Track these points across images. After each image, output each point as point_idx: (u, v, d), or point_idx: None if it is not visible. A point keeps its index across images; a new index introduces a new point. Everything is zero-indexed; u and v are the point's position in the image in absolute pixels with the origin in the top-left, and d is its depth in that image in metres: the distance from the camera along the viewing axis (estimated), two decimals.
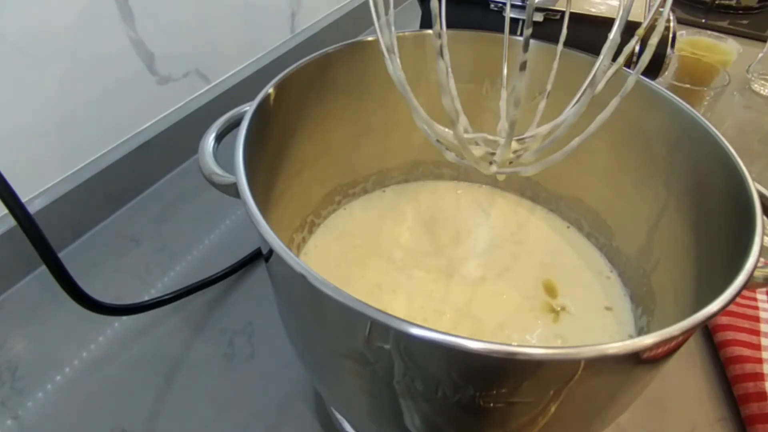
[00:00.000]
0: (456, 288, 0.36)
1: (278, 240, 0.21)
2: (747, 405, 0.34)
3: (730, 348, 0.37)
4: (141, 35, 0.46)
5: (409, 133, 0.39)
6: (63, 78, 0.41)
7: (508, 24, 0.35)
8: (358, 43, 0.35)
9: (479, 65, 0.38)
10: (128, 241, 0.46)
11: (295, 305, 0.25)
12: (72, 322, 0.39)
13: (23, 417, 0.34)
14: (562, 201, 0.41)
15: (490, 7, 0.44)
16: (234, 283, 0.43)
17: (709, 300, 0.20)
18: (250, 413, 0.34)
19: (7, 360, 0.37)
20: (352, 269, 0.37)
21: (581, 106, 0.23)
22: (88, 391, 0.36)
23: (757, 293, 0.41)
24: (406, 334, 0.18)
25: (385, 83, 0.28)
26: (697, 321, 0.19)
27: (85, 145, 0.45)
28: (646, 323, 0.33)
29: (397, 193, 0.43)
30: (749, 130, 0.60)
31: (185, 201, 0.50)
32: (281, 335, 0.38)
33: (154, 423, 0.34)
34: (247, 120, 0.28)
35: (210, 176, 0.27)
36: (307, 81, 0.33)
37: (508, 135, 0.25)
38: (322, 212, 0.40)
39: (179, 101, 0.53)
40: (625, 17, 0.23)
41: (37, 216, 0.34)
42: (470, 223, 0.41)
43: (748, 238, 0.23)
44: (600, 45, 0.26)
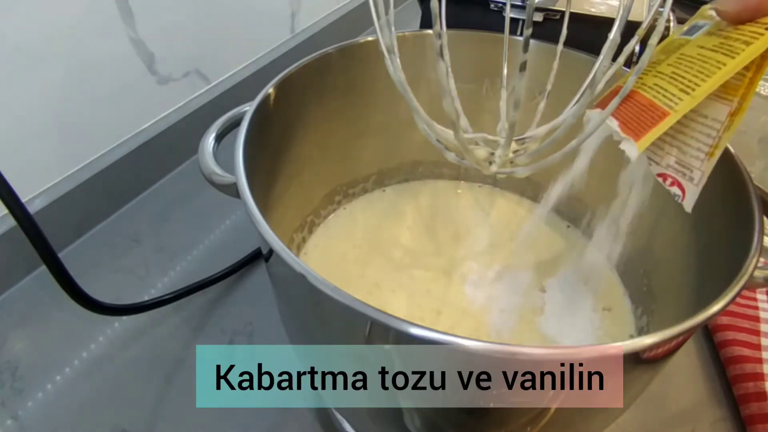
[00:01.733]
0: (456, 287, 0.36)
1: (278, 240, 0.21)
2: (747, 405, 0.34)
3: (730, 348, 0.37)
4: (141, 35, 0.46)
5: (409, 133, 0.39)
6: (63, 78, 0.41)
7: (508, 24, 0.35)
8: (358, 43, 0.35)
9: (479, 65, 0.38)
10: (128, 241, 0.46)
11: (295, 305, 0.25)
12: (72, 322, 0.39)
13: (23, 417, 0.34)
14: (562, 201, 0.41)
15: (490, 7, 0.44)
16: (234, 283, 0.43)
17: (709, 300, 0.20)
18: (250, 413, 0.34)
19: (7, 360, 0.37)
20: (352, 268, 0.37)
21: (581, 106, 0.23)
22: (88, 391, 0.36)
23: (757, 293, 0.41)
24: (406, 333, 0.18)
25: (385, 83, 0.28)
26: (697, 321, 0.19)
27: (85, 145, 0.45)
28: (646, 323, 0.33)
29: (397, 192, 0.43)
30: (749, 130, 0.60)
31: (185, 201, 0.50)
32: (281, 335, 0.38)
33: (154, 423, 0.34)
34: (247, 120, 0.28)
35: (210, 176, 0.27)
36: (307, 81, 0.33)
37: (508, 135, 0.25)
38: (322, 212, 0.40)
39: (179, 101, 0.53)
40: (625, 17, 0.23)
41: (37, 216, 0.34)
42: (470, 222, 0.41)
43: (748, 238, 0.23)
44: (600, 45, 0.26)
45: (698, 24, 0.23)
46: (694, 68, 0.21)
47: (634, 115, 0.23)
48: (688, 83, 0.21)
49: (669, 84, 0.22)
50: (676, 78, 0.22)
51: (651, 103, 0.22)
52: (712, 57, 0.21)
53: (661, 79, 0.23)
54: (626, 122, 0.23)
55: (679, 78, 0.22)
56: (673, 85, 0.22)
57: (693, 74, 0.21)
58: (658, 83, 0.23)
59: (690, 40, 0.23)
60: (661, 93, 0.22)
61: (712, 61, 0.21)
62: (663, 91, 0.22)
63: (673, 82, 0.22)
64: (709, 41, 0.22)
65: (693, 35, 0.23)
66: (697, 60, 0.22)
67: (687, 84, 0.21)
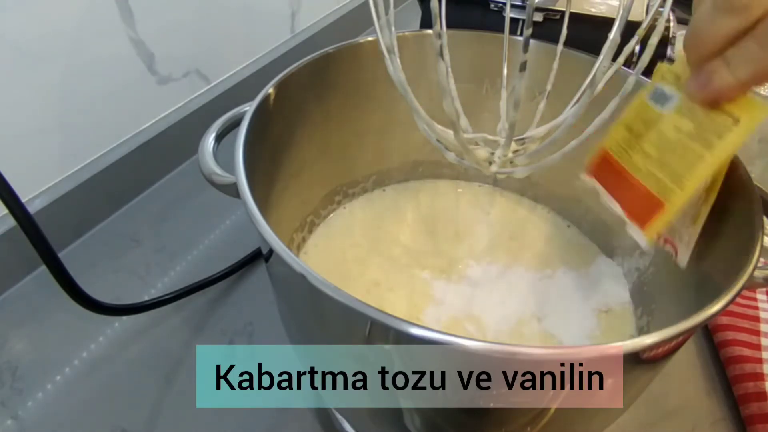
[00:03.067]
0: (456, 287, 0.36)
1: (278, 240, 0.21)
2: (747, 405, 0.34)
3: (730, 348, 0.37)
4: (141, 35, 0.46)
5: (409, 133, 0.39)
6: (63, 78, 0.41)
7: (508, 24, 0.35)
8: (358, 43, 0.35)
9: (479, 65, 0.38)
10: (128, 241, 0.46)
11: (295, 305, 0.25)
12: (72, 322, 0.39)
13: (23, 417, 0.34)
14: (562, 201, 0.41)
15: (490, 7, 0.44)
16: (234, 283, 0.43)
17: (709, 300, 0.20)
18: (250, 413, 0.34)
19: (7, 360, 0.37)
20: (352, 268, 0.37)
21: (581, 106, 0.23)
22: (88, 391, 0.36)
23: (757, 293, 0.41)
24: (406, 333, 0.18)
25: (385, 83, 0.28)
26: (697, 321, 0.19)
27: (85, 145, 0.45)
28: (646, 323, 0.33)
29: (397, 192, 0.43)
30: None
31: (185, 201, 0.50)
32: (281, 335, 0.38)
33: (154, 423, 0.34)
34: (247, 120, 0.28)
35: (210, 176, 0.27)
36: (307, 81, 0.33)
37: (508, 135, 0.25)
38: (322, 212, 0.40)
39: (179, 101, 0.53)
40: (625, 17, 0.23)
41: (37, 216, 0.34)
42: (470, 222, 0.41)
43: (748, 238, 0.23)
44: (600, 45, 0.26)
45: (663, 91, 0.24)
46: (676, 156, 0.23)
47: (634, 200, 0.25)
48: (675, 175, 0.23)
49: (658, 170, 0.24)
50: (663, 164, 0.23)
51: (647, 192, 0.24)
52: (691, 146, 0.22)
53: (650, 162, 0.24)
54: (629, 208, 0.25)
55: (666, 165, 0.23)
56: (662, 172, 0.23)
57: (677, 164, 0.23)
58: (650, 168, 0.24)
59: (663, 114, 0.24)
60: (653, 180, 0.24)
61: (692, 150, 0.22)
62: (654, 178, 0.24)
63: (662, 168, 0.23)
64: (684, 124, 0.23)
65: (664, 106, 0.24)
66: (678, 147, 0.23)
67: (674, 176, 0.23)
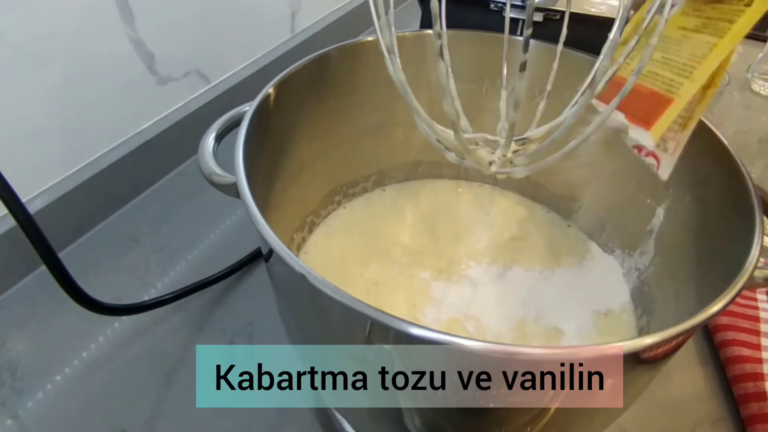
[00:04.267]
0: (456, 287, 0.36)
1: (278, 240, 0.21)
2: (747, 405, 0.34)
3: (730, 348, 0.37)
4: (141, 35, 0.46)
5: (409, 133, 0.39)
6: (63, 78, 0.41)
7: (508, 24, 0.35)
8: (357, 43, 0.35)
9: (479, 65, 0.38)
10: (128, 241, 0.46)
11: (295, 305, 0.25)
12: (72, 322, 0.39)
13: (23, 417, 0.34)
14: (562, 200, 0.41)
15: (490, 7, 0.44)
16: (234, 283, 0.43)
17: (709, 300, 0.20)
18: (250, 413, 0.34)
19: (7, 360, 0.37)
20: (352, 267, 0.37)
21: (581, 106, 0.23)
22: (88, 391, 0.36)
23: (757, 293, 0.41)
24: (406, 333, 0.18)
25: (385, 83, 0.28)
26: (697, 321, 0.19)
27: (86, 145, 0.45)
28: (646, 323, 0.33)
29: (397, 191, 0.43)
30: (749, 130, 0.60)
31: (185, 201, 0.50)
32: (281, 335, 0.38)
33: (154, 423, 0.34)
34: (247, 120, 0.28)
35: (210, 176, 0.27)
36: (307, 81, 0.33)
37: (508, 135, 0.25)
38: (322, 212, 0.40)
39: (179, 101, 0.53)
40: (625, 17, 0.23)
41: (37, 216, 0.34)
42: (470, 221, 0.41)
43: (748, 238, 0.23)
44: (600, 45, 0.26)
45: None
46: (682, 51, 0.22)
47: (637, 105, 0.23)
48: (683, 67, 0.21)
49: (663, 69, 0.22)
50: (668, 62, 0.22)
51: (652, 92, 0.22)
52: (699, 38, 0.21)
53: (652, 65, 0.23)
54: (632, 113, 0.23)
55: (672, 62, 0.22)
56: (668, 70, 0.22)
57: (685, 57, 0.21)
58: (652, 69, 0.23)
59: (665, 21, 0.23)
60: (659, 80, 0.22)
61: (700, 42, 0.21)
62: (660, 77, 0.22)
63: (666, 67, 0.22)
64: (689, 22, 0.22)
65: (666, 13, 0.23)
66: (684, 42, 0.22)
67: (682, 68, 0.21)
